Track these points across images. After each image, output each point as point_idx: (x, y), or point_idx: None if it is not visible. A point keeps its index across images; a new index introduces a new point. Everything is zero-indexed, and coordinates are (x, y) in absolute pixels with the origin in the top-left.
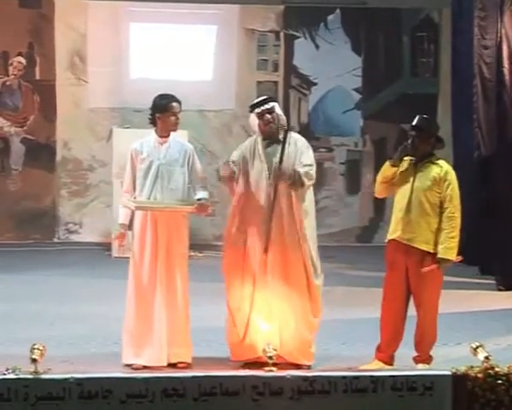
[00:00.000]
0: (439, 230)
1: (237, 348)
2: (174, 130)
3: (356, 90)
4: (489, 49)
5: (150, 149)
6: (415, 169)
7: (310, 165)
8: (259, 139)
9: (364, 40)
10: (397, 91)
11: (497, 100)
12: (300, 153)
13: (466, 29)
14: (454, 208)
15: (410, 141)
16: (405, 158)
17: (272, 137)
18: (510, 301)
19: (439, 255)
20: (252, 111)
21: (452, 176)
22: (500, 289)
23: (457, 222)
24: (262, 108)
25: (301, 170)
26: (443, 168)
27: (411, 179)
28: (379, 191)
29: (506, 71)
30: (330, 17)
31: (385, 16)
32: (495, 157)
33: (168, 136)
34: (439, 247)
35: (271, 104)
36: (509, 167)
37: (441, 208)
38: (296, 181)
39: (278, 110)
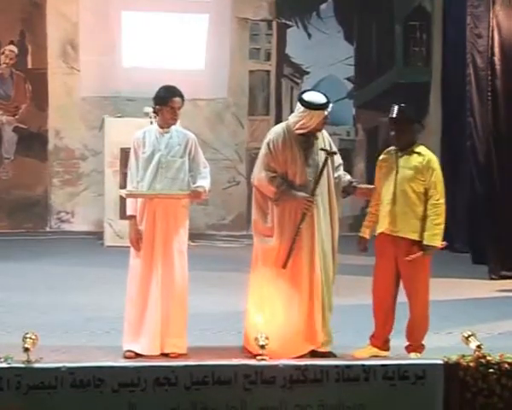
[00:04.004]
0: (425, 217)
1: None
2: (171, 124)
3: (348, 79)
4: (482, 38)
5: (152, 139)
6: (396, 161)
7: (341, 164)
8: (294, 133)
9: (357, 29)
10: (389, 80)
11: (489, 90)
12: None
13: (458, 18)
14: (439, 195)
15: (391, 133)
16: (388, 150)
17: (309, 134)
18: (502, 289)
19: (425, 242)
20: (313, 108)
21: (435, 163)
22: (492, 278)
23: (442, 209)
24: (329, 110)
25: (348, 177)
26: (425, 156)
27: (394, 172)
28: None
29: (498, 61)
30: (323, 6)
31: (377, 5)
32: (488, 147)
33: (169, 126)
34: (425, 234)
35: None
36: (501, 157)
37: (426, 196)
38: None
39: None
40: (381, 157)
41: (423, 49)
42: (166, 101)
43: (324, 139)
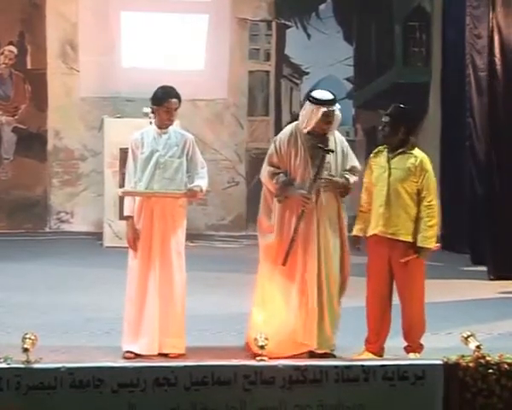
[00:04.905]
0: (419, 219)
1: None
2: (168, 124)
3: (348, 79)
4: (481, 38)
5: (150, 140)
6: (388, 162)
7: (356, 167)
8: (302, 133)
9: (356, 29)
10: (389, 81)
11: (489, 90)
12: (349, 156)
13: (458, 18)
14: (431, 196)
15: (380, 127)
16: (379, 149)
17: (319, 135)
18: (501, 290)
19: (418, 244)
20: (314, 102)
21: (427, 164)
22: (491, 279)
23: (435, 210)
24: (331, 108)
25: (351, 178)
26: (417, 158)
27: (386, 173)
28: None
29: (498, 61)
30: (322, 6)
31: (377, 5)
32: (487, 147)
33: (166, 127)
34: (418, 236)
35: (337, 106)
36: (501, 157)
37: (419, 196)
38: (347, 189)
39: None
40: (371, 156)
41: (423, 50)
42: (162, 102)
43: (336, 142)
